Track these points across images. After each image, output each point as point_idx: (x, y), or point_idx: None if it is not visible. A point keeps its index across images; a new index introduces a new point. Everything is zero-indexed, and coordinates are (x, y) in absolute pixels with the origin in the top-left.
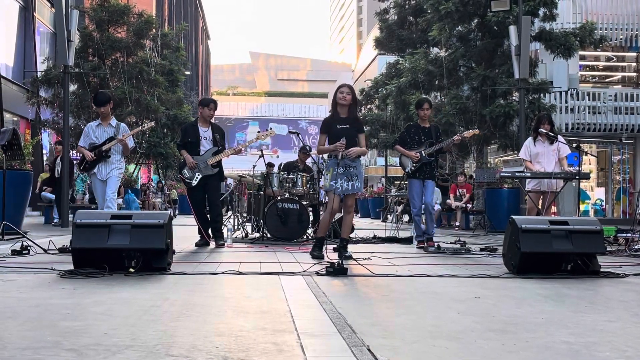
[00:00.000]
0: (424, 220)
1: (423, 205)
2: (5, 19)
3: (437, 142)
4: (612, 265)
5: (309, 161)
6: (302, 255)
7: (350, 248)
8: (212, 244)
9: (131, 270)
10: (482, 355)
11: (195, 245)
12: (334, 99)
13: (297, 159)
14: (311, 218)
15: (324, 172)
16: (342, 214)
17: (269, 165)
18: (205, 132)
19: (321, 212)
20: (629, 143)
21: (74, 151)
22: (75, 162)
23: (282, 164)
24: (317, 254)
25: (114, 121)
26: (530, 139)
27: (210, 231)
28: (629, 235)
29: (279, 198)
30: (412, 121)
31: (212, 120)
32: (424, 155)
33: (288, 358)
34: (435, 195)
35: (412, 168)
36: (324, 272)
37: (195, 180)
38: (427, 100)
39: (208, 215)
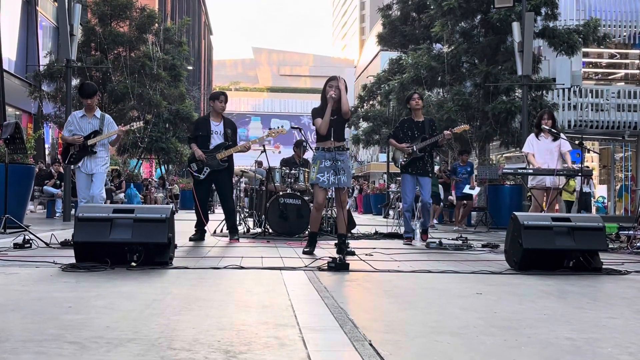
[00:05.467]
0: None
1: (420, 204)
2: (9, 13)
3: (430, 136)
4: (614, 263)
5: (310, 156)
6: None
7: (352, 244)
8: (210, 237)
9: (133, 264)
10: (484, 350)
11: (190, 240)
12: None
13: (294, 154)
14: None
15: (310, 164)
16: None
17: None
18: (216, 127)
19: None
20: (631, 140)
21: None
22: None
23: (281, 161)
24: (307, 250)
25: (98, 112)
26: (532, 134)
27: (225, 227)
28: (631, 232)
29: (280, 193)
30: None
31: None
32: (415, 149)
33: (290, 352)
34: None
35: (403, 162)
36: (326, 267)
37: (204, 174)
38: (415, 91)
39: (212, 212)
